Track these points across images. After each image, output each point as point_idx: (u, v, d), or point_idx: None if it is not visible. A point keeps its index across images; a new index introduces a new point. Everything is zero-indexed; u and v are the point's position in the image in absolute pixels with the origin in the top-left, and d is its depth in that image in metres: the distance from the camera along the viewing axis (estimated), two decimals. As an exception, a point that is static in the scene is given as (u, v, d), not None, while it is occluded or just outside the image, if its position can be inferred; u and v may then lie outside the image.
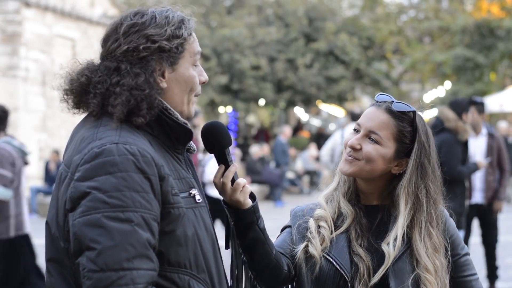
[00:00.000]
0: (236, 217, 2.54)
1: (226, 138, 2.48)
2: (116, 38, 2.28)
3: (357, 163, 2.60)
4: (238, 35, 27.61)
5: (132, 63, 2.26)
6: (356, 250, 2.58)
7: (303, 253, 2.63)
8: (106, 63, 2.28)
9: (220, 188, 2.51)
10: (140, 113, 2.23)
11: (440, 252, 2.59)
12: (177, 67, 2.32)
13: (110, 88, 2.24)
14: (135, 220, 2.11)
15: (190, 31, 2.35)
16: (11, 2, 20.83)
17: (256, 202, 2.57)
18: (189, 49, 2.35)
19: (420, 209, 2.59)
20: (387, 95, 2.67)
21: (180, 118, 2.32)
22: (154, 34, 2.27)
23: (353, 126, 2.66)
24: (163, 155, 2.27)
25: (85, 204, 2.12)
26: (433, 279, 2.54)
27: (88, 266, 2.08)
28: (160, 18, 2.31)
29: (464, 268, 2.68)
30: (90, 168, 2.14)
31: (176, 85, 2.32)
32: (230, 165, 2.49)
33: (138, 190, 2.13)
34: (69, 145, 2.32)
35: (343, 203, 2.66)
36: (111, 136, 2.19)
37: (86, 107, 2.30)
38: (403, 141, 2.61)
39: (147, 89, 2.23)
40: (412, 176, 2.59)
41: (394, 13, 33.08)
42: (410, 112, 2.61)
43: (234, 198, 2.51)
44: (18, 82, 20.99)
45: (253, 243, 2.56)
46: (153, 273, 2.14)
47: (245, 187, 2.52)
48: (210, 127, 2.49)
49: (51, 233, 2.27)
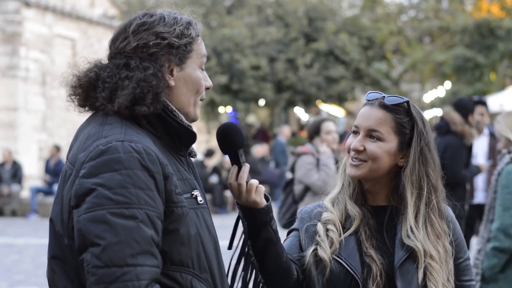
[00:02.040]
0: (250, 217, 2.54)
1: (239, 139, 2.49)
2: (126, 37, 2.31)
3: (364, 164, 2.59)
4: (238, 35, 27.63)
5: (142, 58, 2.28)
6: (367, 252, 2.57)
7: (313, 257, 2.62)
8: (115, 61, 2.30)
9: (235, 189, 2.51)
10: (144, 102, 2.24)
11: (443, 238, 2.59)
12: (185, 66, 2.34)
13: (119, 82, 2.26)
14: (140, 216, 2.13)
15: (197, 32, 2.40)
16: (11, 2, 20.84)
17: (270, 202, 2.57)
18: (197, 50, 2.38)
19: (421, 196, 2.59)
20: (377, 92, 2.68)
21: (185, 120, 2.34)
22: (164, 32, 2.31)
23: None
24: (166, 155, 2.28)
25: (90, 201, 2.13)
26: (437, 266, 2.54)
27: (93, 262, 2.10)
28: (169, 18, 2.35)
29: (465, 272, 2.68)
30: (96, 165, 2.16)
31: (183, 85, 2.34)
32: (242, 166, 2.49)
33: (142, 187, 2.15)
34: (73, 143, 2.33)
35: (349, 205, 2.64)
36: (117, 134, 2.21)
37: (94, 103, 2.30)
38: (404, 132, 2.61)
39: (154, 81, 2.26)
40: (414, 165, 2.59)
41: (394, 13, 33.05)
42: (404, 103, 2.62)
43: (250, 199, 2.51)
44: (18, 82, 21.00)
45: (265, 243, 2.55)
46: (157, 270, 2.15)
47: (259, 187, 2.52)
48: (223, 128, 2.51)
49: (55, 230, 2.27)
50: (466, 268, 2.68)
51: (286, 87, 29.15)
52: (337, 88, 29.67)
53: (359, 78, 30.97)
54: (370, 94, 2.67)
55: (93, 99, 2.30)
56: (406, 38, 32.17)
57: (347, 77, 29.79)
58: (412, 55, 30.52)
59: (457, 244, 2.66)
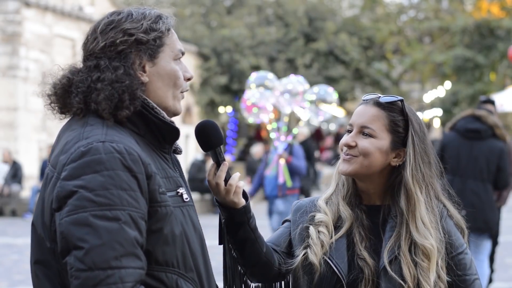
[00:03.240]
0: (227, 215, 2.56)
1: (216, 137, 2.49)
2: (95, 37, 2.30)
3: (355, 160, 2.60)
4: (238, 35, 27.63)
5: (111, 58, 2.26)
6: (361, 254, 2.57)
7: (303, 260, 2.62)
8: (87, 63, 2.29)
9: (214, 188, 2.52)
10: (123, 105, 2.23)
11: (434, 233, 2.58)
12: (158, 60, 2.31)
13: (91, 85, 2.24)
14: (123, 218, 2.10)
15: (168, 26, 2.35)
16: (11, 2, 20.83)
17: (248, 202, 2.58)
18: (170, 45, 2.34)
19: (427, 193, 2.61)
20: (374, 94, 2.69)
21: (166, 116, 2.32)
22: (130, 28, 2.28)
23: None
24: (150, 154, 2.26)
25: (72, 203, 2.10)
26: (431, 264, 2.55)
27: (76, 265, 2.07)
28: (137, 14, 2.32)
29: (460, 267, 2.64)
30: (77, 167, 2.13)
31: (158, 79, 2.32)
32: (221, 164, 2.50)
33: (125, 188, 2.12)
34: (55, 146, 2.31)
35: (342, 207, 2.65)
36: (98, 135, 2.18)
37: (70, 109, 2.29)
38: (397, 131, 2.61)
39: (127, 80, 2.24)
40: (417, 163, 2.59)
41: (394, 13, 33.08)
42: (398, 102, 2.62)
43: (227, 200, 2.53)
44: (18, 82, 20.99)
45: (243, 241, 2.58)
46: (141, 271, 2.13)
47: (238, 188, 2.53)
48: (200, 126, 2.51)
49: (37, 234, 2.25)
50: (461, 262, 2.64)
51: (286, 87, 29.15)
52: (337, 88, 29.65)
53: (359, 78, 30.96)
54: (366, 96, 2.69)
55: (69, 106, 2.28)
56: (406, 38, 32.19)
57: (347, 77, 29.79)
58: (412, 55, 30.54)
59: (451, 239, 2.63)
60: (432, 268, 2.55)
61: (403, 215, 2.59)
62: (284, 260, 2.67)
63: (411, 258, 2.55)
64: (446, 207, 2.68)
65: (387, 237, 2.59)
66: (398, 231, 2.59)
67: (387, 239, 2.59)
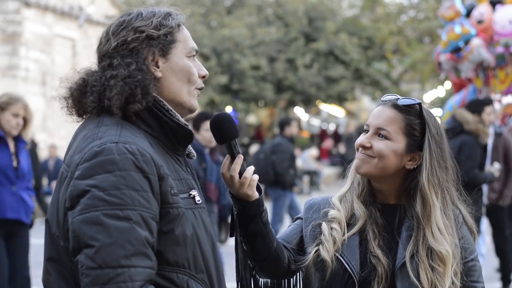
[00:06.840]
0: (240, 207, 2.57)
1: (231, 130, 2.50)
2: (107, 39, 2.34)
3: (370, 160, 2.61)
4: (238, 35, 27.63)
5: (124, 55, 2.30)
6: (374, 252, 2.58)
7: (315, 257, 2.63)
8: (101, 64, 2.33)
9: (228, 180, 2.53)
10: (135, 99, 2.25)
11: (449, 239, 2.59)
12: (170, 56, 2.35)
13: (105, 83, 2.28)
14: (134, 218, 2.13)
15: (178, 22, 2.39)
16: (11, 2, 20.83)
17: (262, 196, 2.59)
18: (182, 41, 2.38)
19: (443, 198, 2.63)
20: (393, 95, 2.70)
21: (181, 119, 2.34)
22: (141, 25, 2.32)
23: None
24: (163, 156, 2.29)
25: (84, 202, 2.13)
26: (446, 268, 2.55)
27: (87, 264, 2.10)
28: (147, 13, 2.37)
29: (471, 273, 2.66)
30: (90, 167, 2.16)
31: (171, 74, 2.34)
32: (236, 157, 2.50)
33: (137, 188, 2.15)
34: (71, 145, 2.34)
35: (356, 204, 2.66)
36: (111, 136, 2.21)
37: (86, 109, 2.33)
38: (413, 134, 2.62)
39: (139, 75, 2.27)
40: (433, 168, 2.60)
41: (394, 13, 33.05)
42: (415, 105, 2.63)
43: (241, 192, 2.54)
44: (18, 82, 20.99)
45: (254, 234, 2.59)
46: (151, 271, 2.15)
47: (252, 181, 2.54)
48: (215, 118, 2.52)
49: (51, 232, 2.28)
50: (472, 269, 2.66)
51: (286, 87, 29.15)
52: (337, 88, 29.67)
53: (359, 78, 30.97)
54: (385, 96, 2.70)
55: (85, 105, 2.31)
56: (406, 38, 32.16)
57: (347, 77, 29.79)
58: (412, 55, 30.52)
59: (465, 244, 2.65)
60: (448, 273, 2.56)
61: (419, 219, 2.59)
62: (294, 257, 2.68)
63: (429, 263, 2.56)
64: (462, 213, 2.69)
65: (403, 236, 2.60)
66: (415, 235, 2.59)
67: (404, 238, 2.60)
